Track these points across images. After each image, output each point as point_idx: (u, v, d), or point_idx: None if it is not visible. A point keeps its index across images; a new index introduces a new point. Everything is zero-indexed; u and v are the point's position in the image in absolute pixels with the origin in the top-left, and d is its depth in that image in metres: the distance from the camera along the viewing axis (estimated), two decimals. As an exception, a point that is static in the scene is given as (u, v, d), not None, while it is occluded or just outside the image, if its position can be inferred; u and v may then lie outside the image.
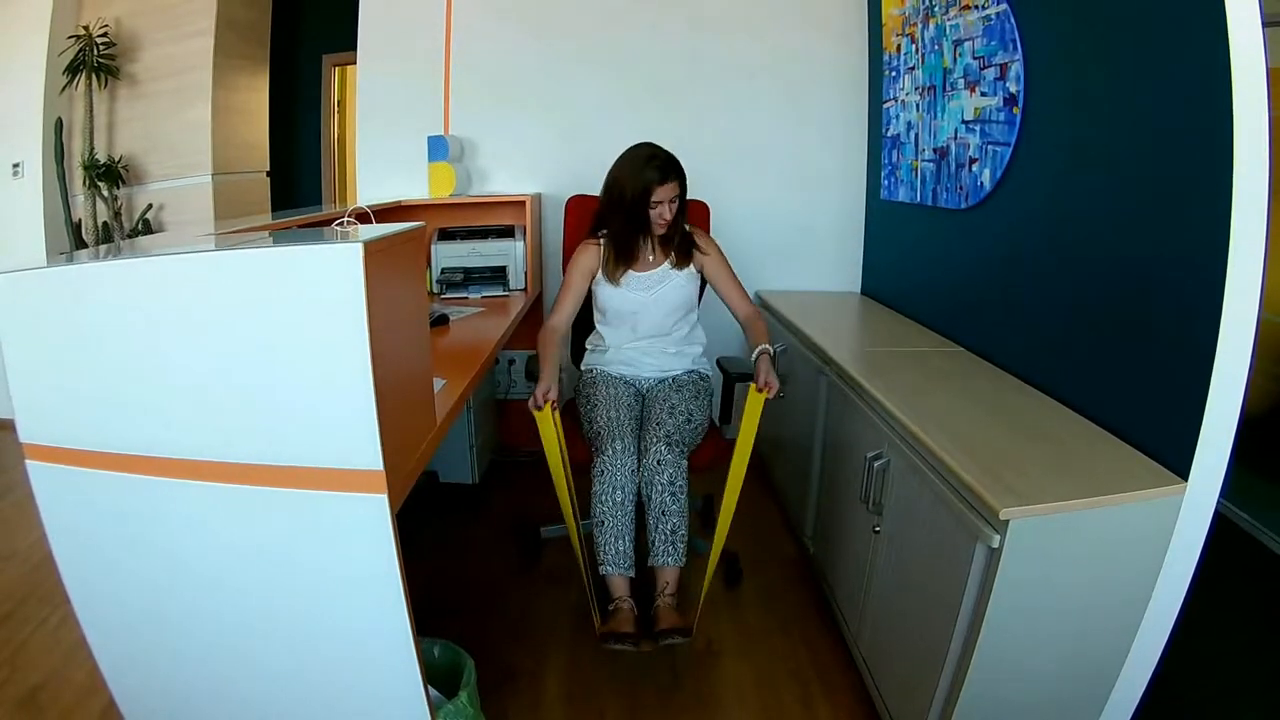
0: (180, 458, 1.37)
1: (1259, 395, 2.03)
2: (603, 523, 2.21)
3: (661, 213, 2.43)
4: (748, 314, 2.58)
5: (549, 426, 2.26)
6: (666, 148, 2.46)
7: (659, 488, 2.20)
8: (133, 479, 1.41)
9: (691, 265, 2.59)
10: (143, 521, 1.45)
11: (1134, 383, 1.74)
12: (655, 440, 2.25)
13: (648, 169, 2.39)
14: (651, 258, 2.57)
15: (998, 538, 1.44)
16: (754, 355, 2.38)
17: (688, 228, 2.62)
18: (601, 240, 2.58)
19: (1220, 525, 1.62)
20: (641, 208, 2.41)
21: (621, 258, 2.53)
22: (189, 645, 1.57)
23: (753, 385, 2.29)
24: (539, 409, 2.25)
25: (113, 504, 1.46)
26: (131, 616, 1.58)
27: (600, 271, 2.57)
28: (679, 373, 2.60)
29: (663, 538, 2.20)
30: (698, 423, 2.39)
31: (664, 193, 2.40)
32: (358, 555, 1.39)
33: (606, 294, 2.57)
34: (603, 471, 2.23)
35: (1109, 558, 1.54)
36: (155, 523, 1.44)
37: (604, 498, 2.21)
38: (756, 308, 2.60)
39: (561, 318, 2.56)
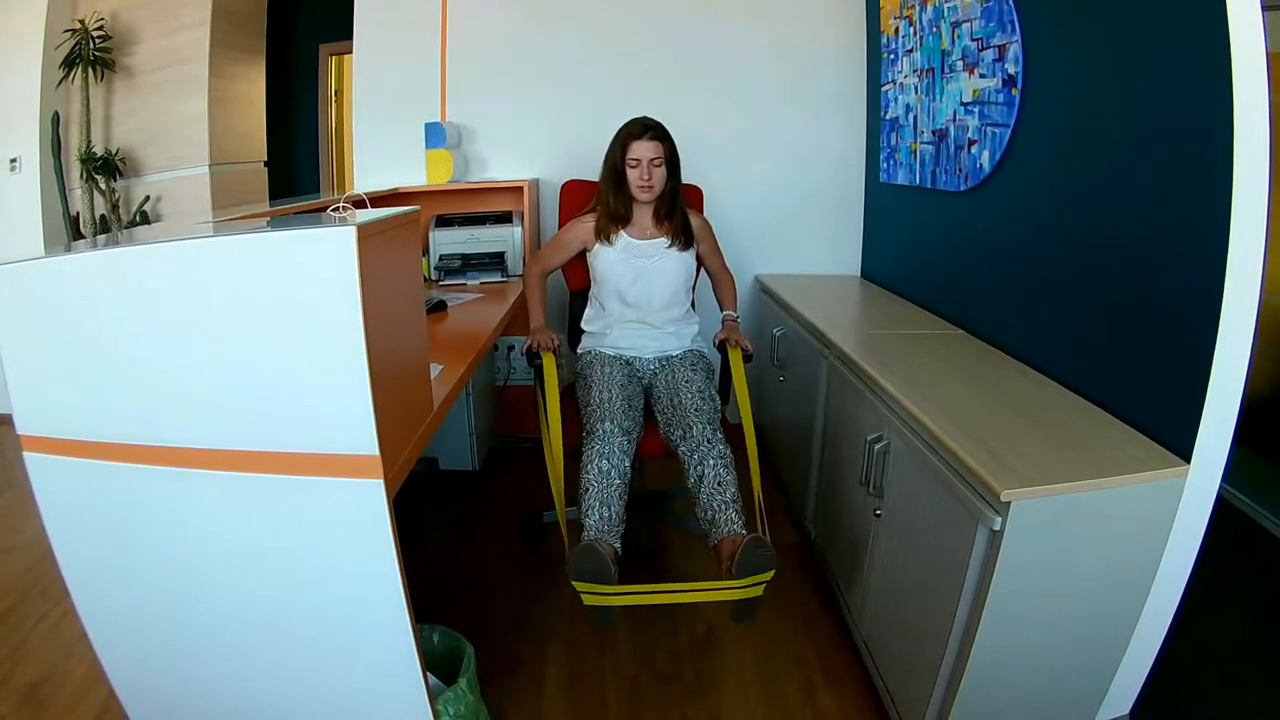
0: (176, 445, 1.37)
1: (1261, 378, 2.02)
2: (587, 489, 2.11)
3: (641, 173, 2.50)
4: (720, 273, 2.83)
5: (552, 368, 2.42)
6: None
7: (711, 462, 2.13)
8: (129, 468, 1.41)
9: (692, 250, 2.67)
10: (139, 511, 1.45)
11: (1135, 364, 1.73)
12: (700, 424, 2.21)
13: (627, 128, 2.53)
14: (649, 229, 2.63)
15: (999, 520, 1.44)
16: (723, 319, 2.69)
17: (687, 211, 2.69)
18: (594, 211, 2.67)
19: (1223, 509, 1.62)
20: (622, 165, 2.52)
21: (613, 219, 2.60)
22: (187, 635, 1.57)
23: (730, 345, 2.53)
24: (549, 349, 2.44)
25: (110, 493, 1.45)
26: (130, 606, 1.58)
27: (595, 240, 2.64)
28: (679, 352, 2.61)
29: (723, 505, 2.06)
30: (717, 405, 2.37)
31: (641, 149, 2.49)
32: (355, 541, 1.38)
33: (603, 259, 2.63)
34: (590, 447, 2.18)
35: (1111, 540, 1.54)
36: (151, 512, 1.44)
37: (589, 466, 2.14)
38: (728, 270, 2.84)
39: (544, 265, 2.76)
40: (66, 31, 4.37)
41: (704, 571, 2.29)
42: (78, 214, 4.56)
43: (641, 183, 2.51)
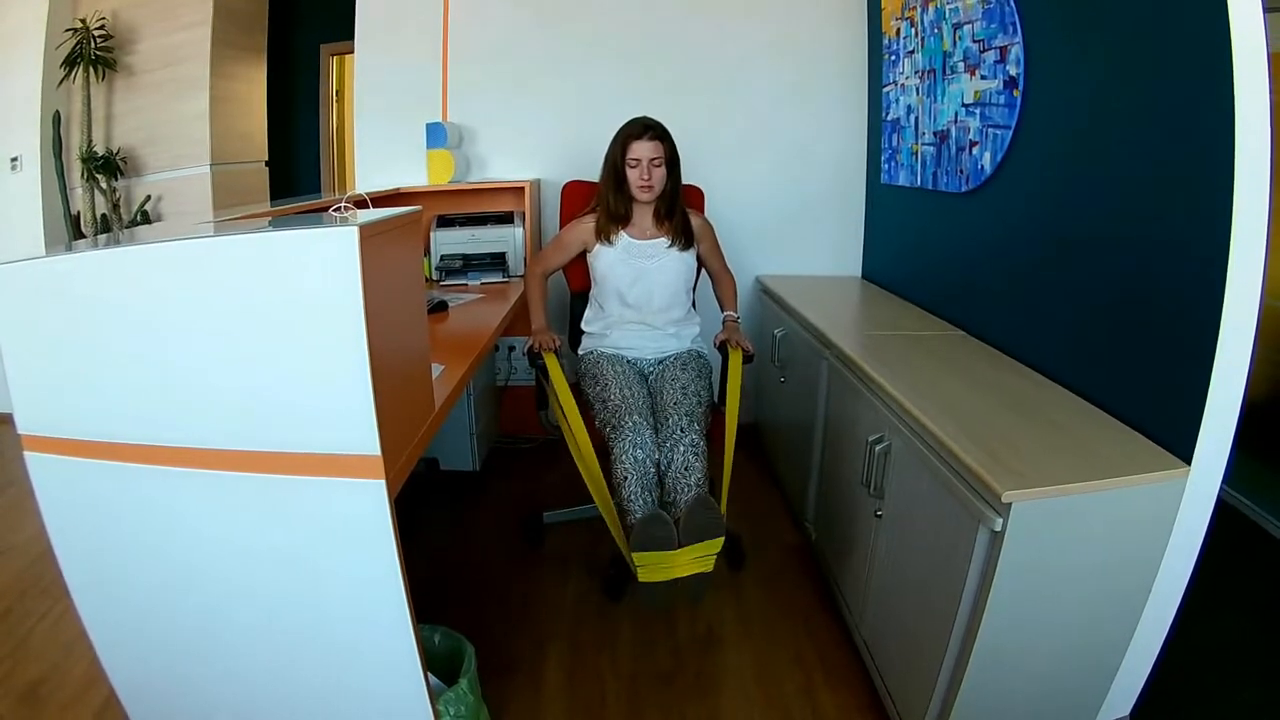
0: (177, 445, 1.37)
1: (1261, 381, 2.01)
2: (625, 478, 2.15)
3: (641, 173, 2.51)
4: (720, 273, 2.83)
5: (556, 369, 2.42)
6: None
7: (682, 449, 2.16)
8: (130, 468, 1.41)
9: (692, 250, 2.67)
10: (139, 510, 1.45)
11: (1136, 366, 1.73)
12: (677, 415, 2.24)
13: (627, 128, 2.54)
14: (649, 229, 2.64)
15: (1000, 521, 1.44)
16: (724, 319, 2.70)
17: (688, 212, 2.70)
18: (595, 212, 2.67)
19: (1223, 511, 1.61)
20: (622, 165, 2.53)
21: (614, 219, 2.61)
22: (187, 634, 1.57)
23: (730, 346, 2.53)
24: (550, 350, 2.45)
25: (110, 493, 1.45)
26: (130, 605, 1.58)
27: (595, 241, 2.65)
28: (679, 352, 2.61)
29: (685, 488, 2.12)
30: (706, 403, 2.39)
31: (641, 149, 2.50)
32: (356, 542, 1.38)
33: (603, 259, 2.63)
34: (622, 439, 2.19)
35: (1112, 541, 1.53)
36: (152, 511, 1.44)
37: (624, 458, 2.17)
38: (729, 270, 2.85)
39: (545, 265, 2.76)
40: (67, 31, 4.36)
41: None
42: (78, 213, 4.57)
43: (641, 183, 2.51)
